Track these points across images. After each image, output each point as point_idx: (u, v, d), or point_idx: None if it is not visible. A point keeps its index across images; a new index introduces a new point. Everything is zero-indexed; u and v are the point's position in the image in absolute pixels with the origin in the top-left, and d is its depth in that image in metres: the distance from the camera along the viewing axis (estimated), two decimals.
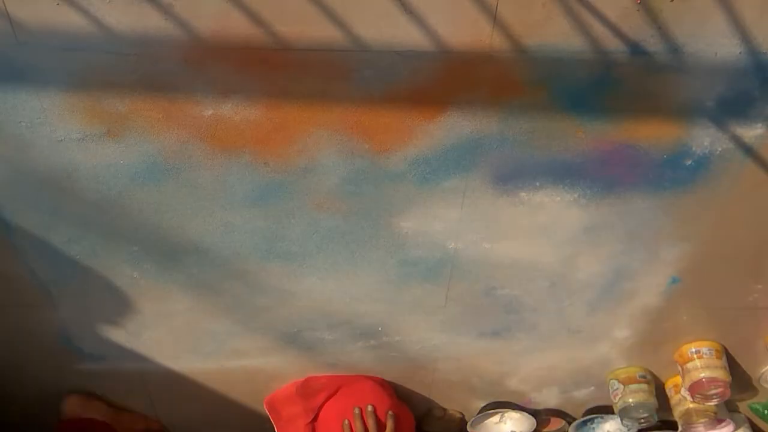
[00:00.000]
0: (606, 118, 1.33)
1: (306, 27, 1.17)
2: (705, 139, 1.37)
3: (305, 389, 1.97)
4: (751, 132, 1.36)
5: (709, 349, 1.87)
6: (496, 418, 2.15)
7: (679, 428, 2.05)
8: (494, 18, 1.16)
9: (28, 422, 2.10)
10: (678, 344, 1.90)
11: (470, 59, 1.21)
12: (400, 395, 2.06)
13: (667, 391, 2.04)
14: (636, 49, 1.21)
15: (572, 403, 2.13)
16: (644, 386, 1.96)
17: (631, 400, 1.94)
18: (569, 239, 1.57)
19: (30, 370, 1.94)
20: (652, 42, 1.20)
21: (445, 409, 2.15)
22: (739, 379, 1.97)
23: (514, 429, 2.13)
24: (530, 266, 1.65)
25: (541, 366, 1.97)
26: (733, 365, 1.92)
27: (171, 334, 1.81)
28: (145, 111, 1.29)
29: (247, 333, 1.82)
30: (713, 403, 1.92)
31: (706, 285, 1.71)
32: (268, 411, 1.97)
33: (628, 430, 2.04)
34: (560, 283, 1.69)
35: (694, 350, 1.88)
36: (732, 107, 1.31)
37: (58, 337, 1.81)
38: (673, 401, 2.03)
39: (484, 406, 2.11)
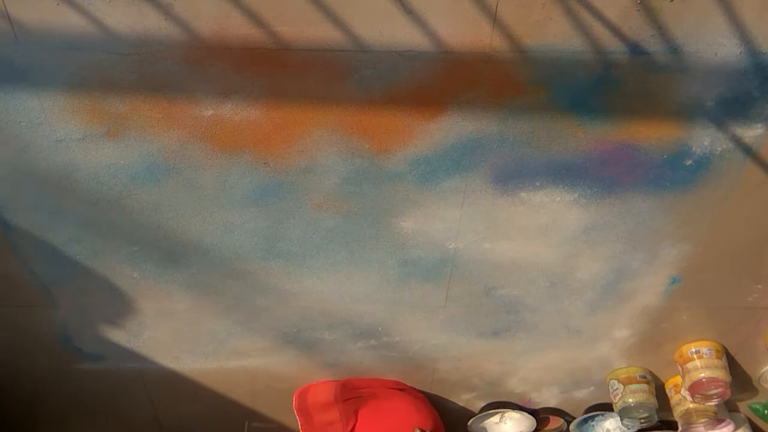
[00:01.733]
0: (606, 118, 1.33)
1: (306, 27, 1.17)
2: (705, 139, 1.37)
3: (343, 395, 1.93)
4: (751, 132, 1.36)
5: (709, 349, 1.87)
6: (496, 418, 2.15)
7: (679, 428, 2.05)
8: (494, 18, 1.16)
9: (28, 422, 2.10)
10: (678, 344, 1.90)
11: (470, 59, 1.21)
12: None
13: (667, 391, 2.04)
14: (636, 49, 1.21)
15: (572, 403, 2.13)
16: (644, 386, 1.96)
17: (631, 400, 1.94)
18: (569, 239, 1.57)
19: (30, 370, 1.94)
20: (652, 42, 1.20)
21: None
22: (739, 379, 1.97)
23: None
24: (530, 266, 1.64)
25: (541, 366, 1.97)
26: (733, 365, 1.92)
27: (171, 334, 1.81)
28: (145, 111, 1.29)
29: (247, 333, 1.82)
30: (713, 403, 1.93)
31: (706, 285, 1.71)
32: (297, 409, 1.93)
33: (629, 429, 2.04)
34: (560, 283, 1.69)
35: (694, 350, 1.88)
36: (732, 107, 1.31)
37: (58, 337, 1.81)
38: (673, 401, 2.03)
39: (484, 406, 2.11)
